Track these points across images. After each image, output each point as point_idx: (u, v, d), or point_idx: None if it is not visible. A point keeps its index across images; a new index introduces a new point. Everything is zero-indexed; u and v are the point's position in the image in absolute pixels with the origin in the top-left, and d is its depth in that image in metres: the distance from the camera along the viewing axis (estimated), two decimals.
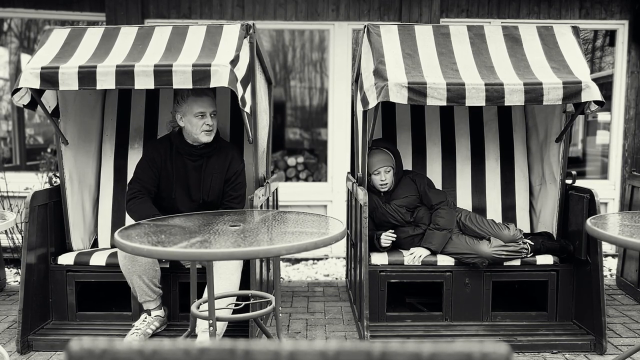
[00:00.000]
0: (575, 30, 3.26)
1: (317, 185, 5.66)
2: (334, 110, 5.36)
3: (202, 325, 2.75)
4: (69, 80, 2.79)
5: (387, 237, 3.35)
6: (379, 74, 2.93)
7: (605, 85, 5.50)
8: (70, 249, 3.39)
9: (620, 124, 5.43)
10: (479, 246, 3.22)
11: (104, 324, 3.25)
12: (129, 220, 3.65)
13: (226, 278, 2.89)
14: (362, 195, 3.13)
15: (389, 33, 3.22)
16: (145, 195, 3.15)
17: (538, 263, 3.29)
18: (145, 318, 3.06)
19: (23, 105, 3.09)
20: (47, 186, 3.47)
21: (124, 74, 2.77)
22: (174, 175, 3.19)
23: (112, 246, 3.53)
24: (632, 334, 3.32)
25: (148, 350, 0.71)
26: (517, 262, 3.28)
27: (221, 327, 2.84)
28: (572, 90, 2.83)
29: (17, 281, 4.44)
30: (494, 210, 3.87)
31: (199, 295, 2.59)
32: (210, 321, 2.21)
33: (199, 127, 3.09)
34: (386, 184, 3.42)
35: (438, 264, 3.29)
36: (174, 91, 3.21)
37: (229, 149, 3.29)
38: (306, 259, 5.30)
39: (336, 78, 5.32)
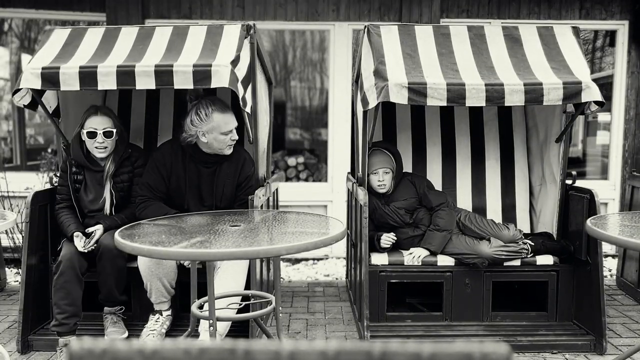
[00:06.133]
0: (576, 31, 3.27)
1: (317, 185, 5.67)
2: (334, 111, 5.36)
3: (205, 325, 2.75)
4: (70, 81, 2.79)
5: (387, 239, 3.34)
6: (379, 74, 2.93)
7: (606, 85, 5.50)
8: None
9: (621, 124, 5.43)
10: (479, 246, 3.22)
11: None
12: None
13: (233, 278, 2.89)
14: (362, 195, 3.13)
15: (389, 33, 3.22)
16: (153, 199, 3.10)
17: (538, 263, 3.29)
18: (158, 319, 3.05)
19: (24, 105, 3.09)
20: (48, 186, 3.47)
21: (125, 74, 2.77)
22: (187, 181, 3.13)
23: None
24: (632, 334, 3.32)
25: (148, 350, 0.71)
26: (517, 263, 3.28)
27: (225, 326, 2.84)
28: (572, 91, 2.83)
29: (17, 281, 4.44)
30: (494, 210, 3.87)
31: (202, 295, 2.60)
32: (211, 321, 2.21)
33: (225, 143, 3.01)
34: (384, 184, 3.40)
35: (438, 264, 3.29)
36: (190, 103, 3.10)
37: (241, 153, 3.22)
38: (306, 259, 5.30)
39: (336, 78, 5.32)
